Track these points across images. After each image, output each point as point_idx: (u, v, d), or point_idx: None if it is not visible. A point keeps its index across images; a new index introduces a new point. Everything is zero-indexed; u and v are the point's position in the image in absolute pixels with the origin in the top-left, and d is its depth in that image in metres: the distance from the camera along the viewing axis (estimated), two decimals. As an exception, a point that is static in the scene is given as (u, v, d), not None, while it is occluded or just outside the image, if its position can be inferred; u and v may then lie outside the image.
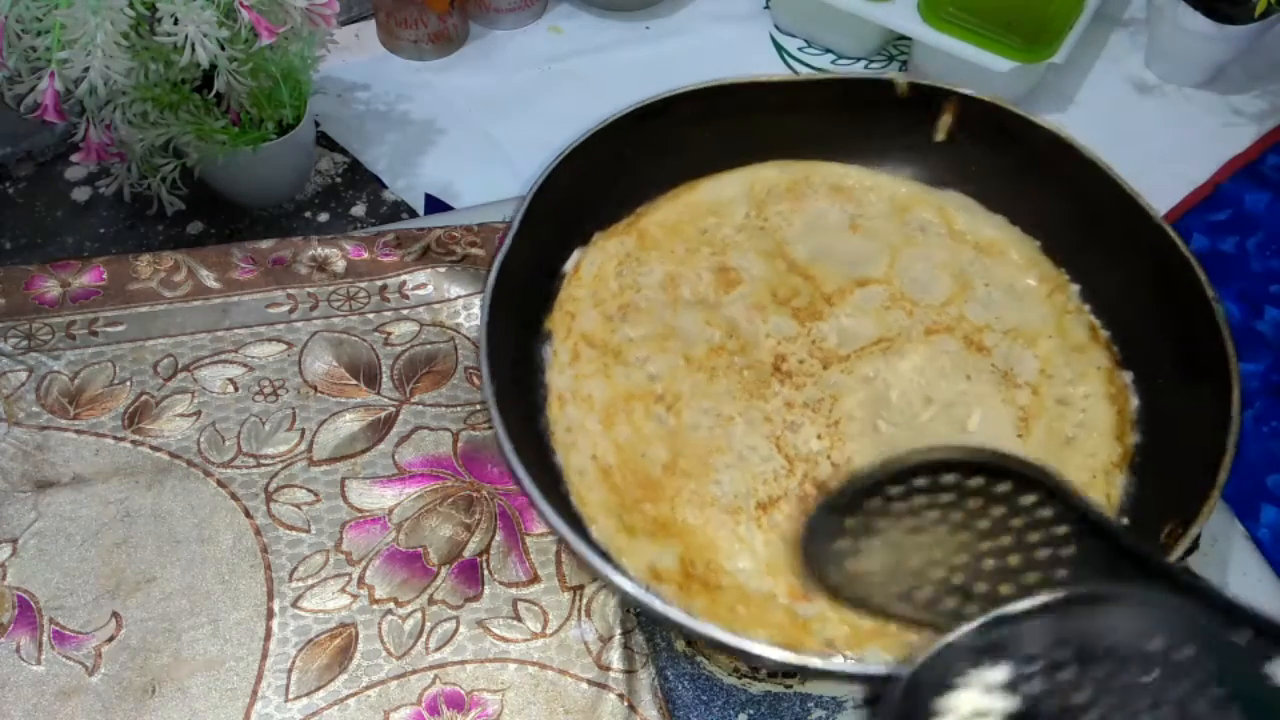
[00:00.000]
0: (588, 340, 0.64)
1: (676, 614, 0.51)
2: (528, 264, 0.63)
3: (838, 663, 0.53)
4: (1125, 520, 0.59)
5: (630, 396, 0.62)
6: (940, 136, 0.71)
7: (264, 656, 0.55)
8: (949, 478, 0.46)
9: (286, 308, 0.68)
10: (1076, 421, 0.63)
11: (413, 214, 0.80)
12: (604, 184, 0.68)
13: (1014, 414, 0.64)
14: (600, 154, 0.66)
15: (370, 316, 0.68)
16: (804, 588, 0.56)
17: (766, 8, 0.96)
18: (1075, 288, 0.68)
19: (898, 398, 0.64)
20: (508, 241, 0.61)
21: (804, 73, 0.69)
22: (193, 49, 0.60)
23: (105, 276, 0.68)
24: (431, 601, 0.58)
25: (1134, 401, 0.64)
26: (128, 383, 0.64)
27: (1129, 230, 0.65)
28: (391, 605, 0.57)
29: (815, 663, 0.51)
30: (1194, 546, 0.53)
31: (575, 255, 0.67)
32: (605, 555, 0.55)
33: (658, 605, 0.51)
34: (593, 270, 0.67)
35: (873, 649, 0.54)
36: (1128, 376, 0.65)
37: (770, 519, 0.59)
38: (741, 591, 0.56)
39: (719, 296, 0.67)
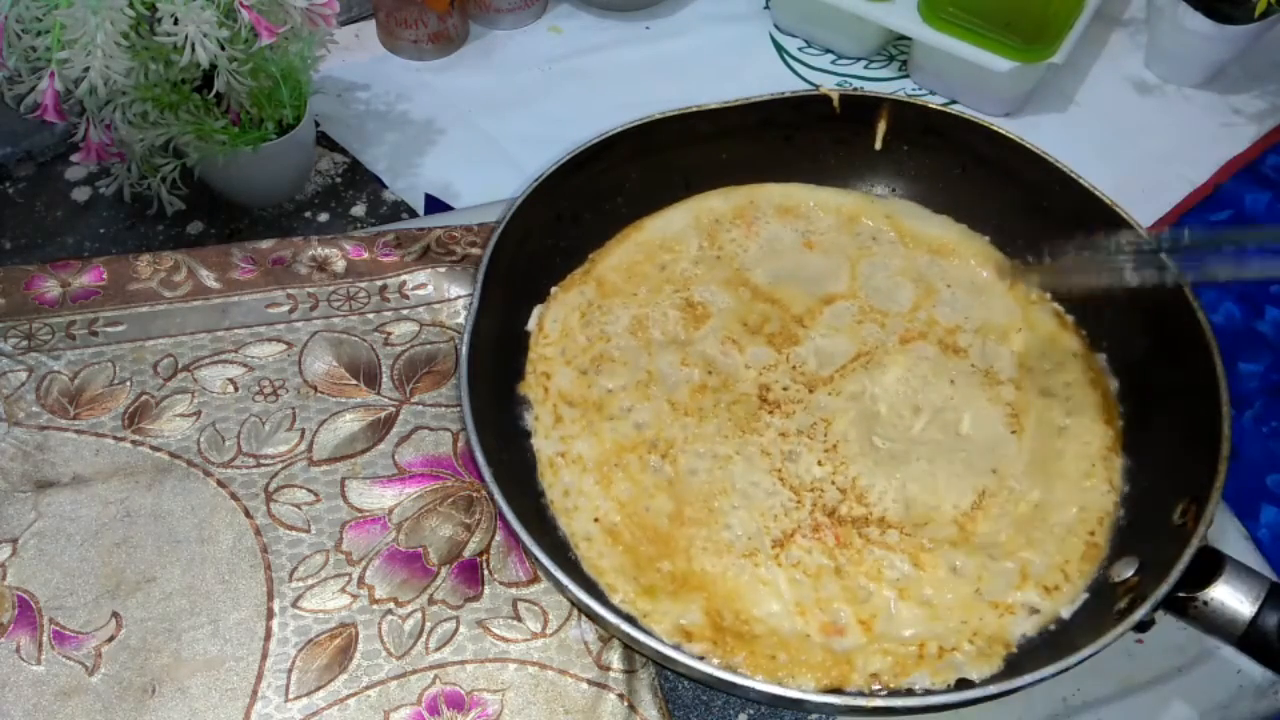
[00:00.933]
0: (567, 400, 0.63)
1: (731, 676, 0.51)
2: (496, 334, 0.63)
3: (900, 700, 0.52)
4: (1132, 506, 0.60)
5: (622, 450, 0.62)
6: (878, 145, 0.72)
7: (264, 656, 0.55)
8: None
9: (286, 308, 0.68)
10: (1065, 410, 0.64)
11: (413, 214, 0.80)
12: (551, 238, 0.68)
13: (1003, 412, 0.64)
14: (540, 211, 0.66)
15: (370, 316, 0.68)
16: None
17: (766, 8, 0.96)
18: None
19: (887, 411, 0.64)
20: (472, 317, 0.60)
21: (729, 100, 0.69)
22: (193, 49, 0.60)
23: (105, 276, 0.68)
24: (431, 601, 0.58)
25: (1113, 383, 0.65)
26: (128, 383, 0.64)
27: (1074, 212, 0.66)
28: (391, 605, 0.57)
29: (878, 703, 0.51)
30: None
31: (536, 312, 0.67)
32: (631, 620, 0.54)
33: (712, 671, 0.50)
34: (557, 326, 0.66)
35: (918, 674, 0.54)
36: (1102, 359, 0.66)
37: (789, 555, 0.58)
38: (777, 636, 0.55)
39: (690, 333, 0.67)
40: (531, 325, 0.66)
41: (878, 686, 0.53)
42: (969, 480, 0.61)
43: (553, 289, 0.68)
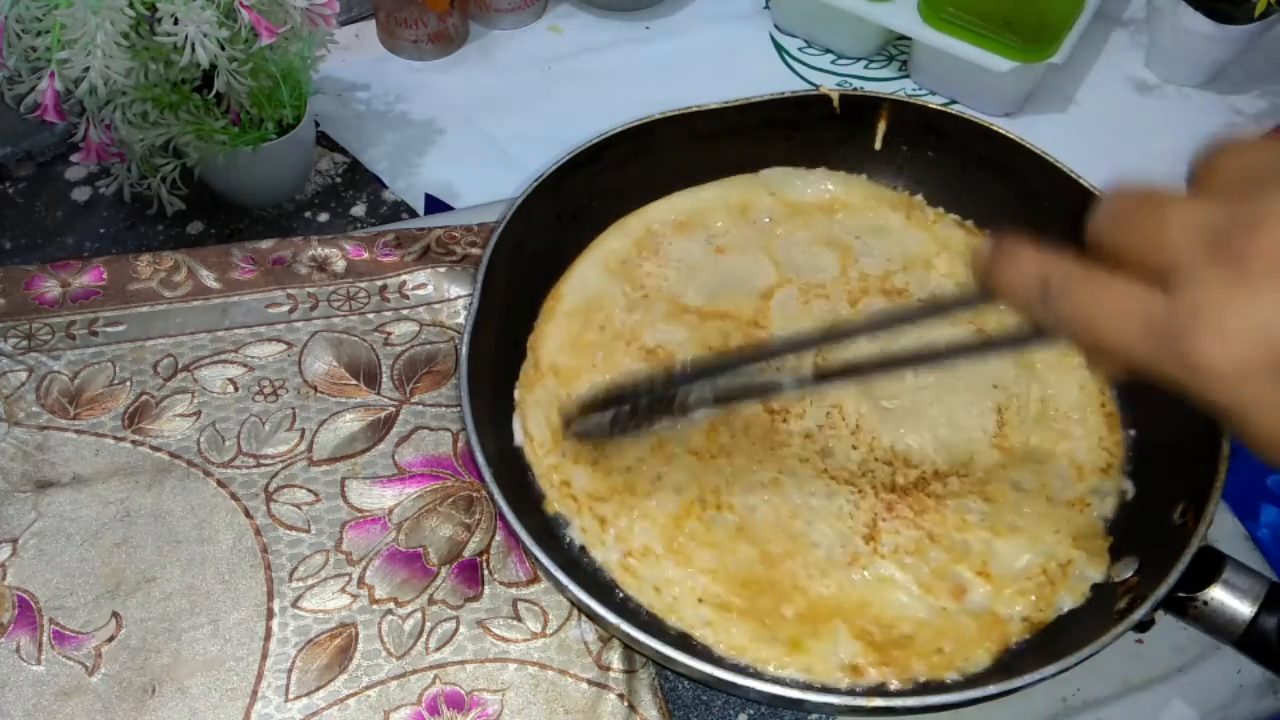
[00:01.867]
0: (597, 498, 0.60)
1: (731, 676, 0.50)
2: (496, 334, 0.62)
3: (900, 700, 0.52)
4: (1132, 506, 0.60)
5: (678, 520, 0.59)
6: (878, 145, 0.72)
7: (264, 656, 0.55)
8: None
9: (286, 308, 0.68)
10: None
11: (413, 214, 0.80)
12: (552, 238, 0.68)
13: (970, 330, 0.66)
14: (540, 211, 0.66)
15: (370, 316, 0.68)
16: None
17: (766, 8, 0.96)
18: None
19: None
20: (472, 317, 0.59)
21: (731, 99, 0.69)
22: (193, 49, 0.60)
23: (105, 276, 0.68)
24: (431, 601, 0.58)
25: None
26: (128, 383, 0.64)
27: (1074, 212, 0.65)
28: (391, 605, 0.57)
29: (878, 703, 0.51)
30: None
31: (515, 425, 0.62)
32: (803, 685, 0.53)
33: (712, 671, 0.50)
34: (543, 429, 0.62)
35: (1061, 596, 0.56)
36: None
37: (884, 544, 0.58)
38: (927, 627, 0.55)
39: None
40: (519, 440, 0.62)
41: (1030, 636, 0.55)
42: (981, 403, 0.64)
43: (516, 393, 0.64)
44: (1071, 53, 0.84)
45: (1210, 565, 0.52)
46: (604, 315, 0.67)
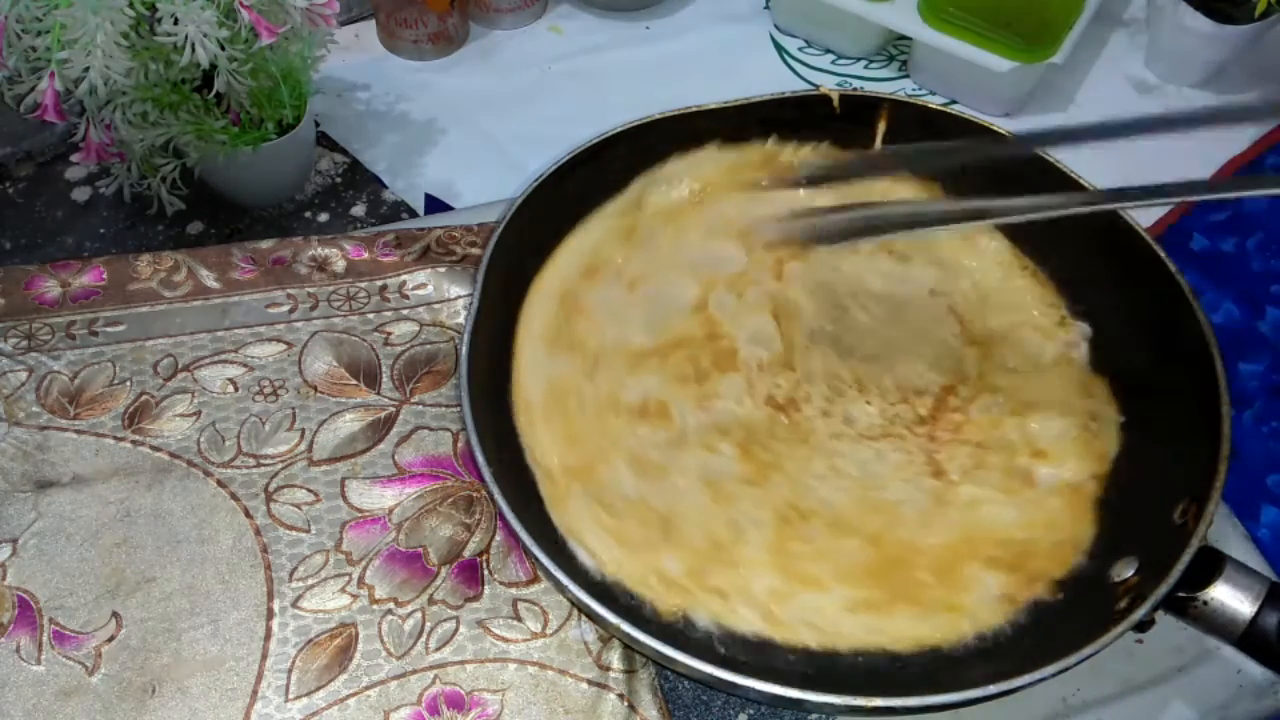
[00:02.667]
0: (700, 573, 0.57)
1: (731, 676, 0.50)
2: (496, 334, 0.62)
3: (900, 700, 0.51)
4: (1132, 506, 0.61)
5: (778, 548, 0.57)
6: (878, 145, 0.72)
7: (264, 656, 0.55)
8: None
9: (286, 308, 0.68)
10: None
11: (413, 214, 0.80)
12: (546, 243, 0.68)
13: (894, 261, 0.70)
14: (540, 210, 0.65)
15: (370, 316, 0.68)
16: None
17: (766, 8, 0.96)
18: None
19: (847, 331, 0.67)
20: (472, 317, 0.59)
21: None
22: (193, 49, 0.60)
23: (105, 276, 0.68)
24: (431, 601, 0.58)
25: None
26: (128, 383, 0.64)
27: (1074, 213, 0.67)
28: (391, 605, 0.57)
29: (878, 703, 0.50)
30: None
31: (579, 553, 0.57)
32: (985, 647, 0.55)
33: (712, 671, 0.50)
34: (610, 543, 0.58)
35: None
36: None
37: (950, 472, 0.61)
38: (1031, 525, 0.59)
39: (673, 430, 0.62)
40: (592, 564, 0.57)
41: (1104, 492, 0.60)
42: (931, 310, 0.68)
43: (554, 519, 0.59)
44: (1071, 53, 0.84)
45: (1210, 565, 0.52)
46: (574, 397, 0.63)
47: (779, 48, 0.94)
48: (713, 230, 0.70)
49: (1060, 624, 0.56)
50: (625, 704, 0.55)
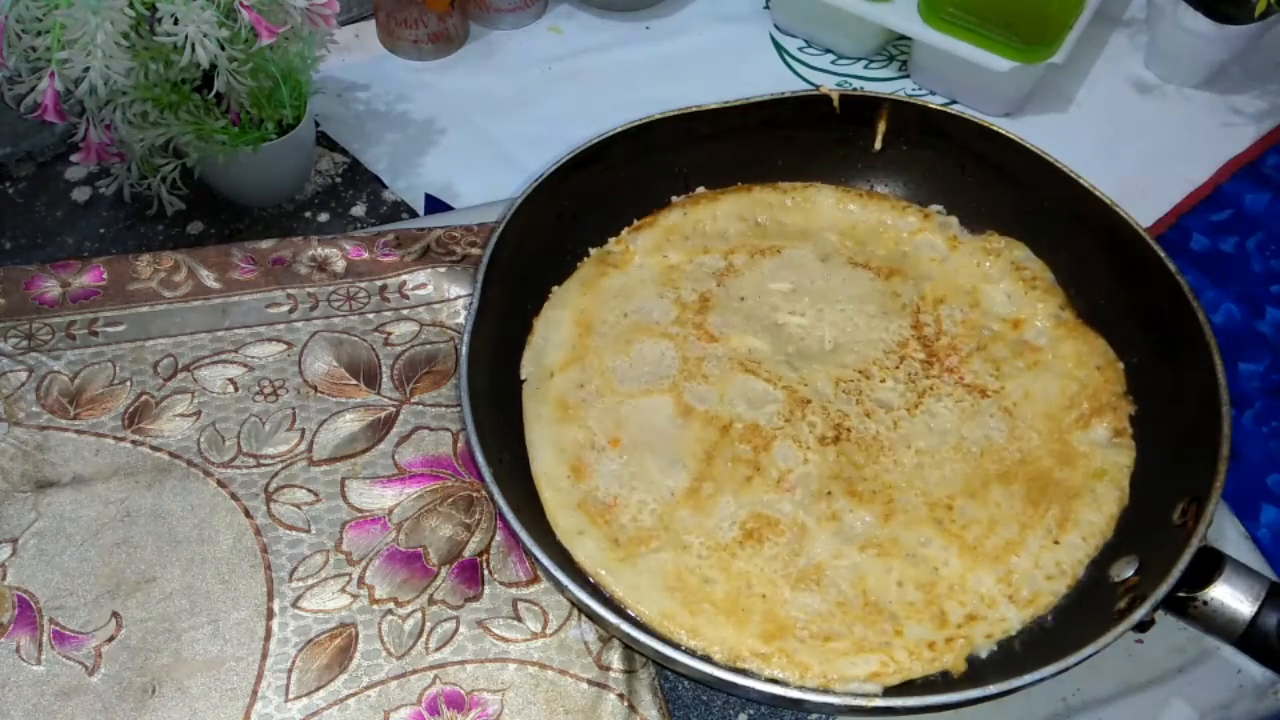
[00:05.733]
0: (778, 624, 0.56)
1: (731, 676, 0.51)
2: (496, 334, 0.62)
3: (900, 700, 0.52)
4: (1132, 506, 0.61)
5: (885, 547, 0.58)
6: (878, 145, 0.72)
7: (264, 656, 0.55)
8: None
9: (286, 308, 0.68)
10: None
11: (413, 214, 0.80)
12: (552, 238, 0.67)
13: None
14: (540, 211, 0.65)
15: (370, 316, 0.68)
16: None
17: (766, 8, 0.96)
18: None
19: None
20: (472, 317, 0.59)
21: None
22: (193, 49, 0.61)
23: (105, 276, 0.68)
24: (431, 601, 0.58)
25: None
26: (128, 383, 0.64)
27: (1074, 212, 0.67)
28: (391, 605, 0.57)
29: (878, 703, 0.51)
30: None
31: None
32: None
33: (712, 671, 0.50)
34: (673, 604, 0.56)
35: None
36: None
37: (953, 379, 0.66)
38: (1041, 460, 0.62)
39: (781, 530, 0.59)
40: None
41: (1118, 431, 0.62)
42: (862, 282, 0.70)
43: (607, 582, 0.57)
44: (1071, 53, 0.84)
45: (1210, 565, 0.52)
46: (693, 575, 0.58)
47: (779, 48, 0.94)
48: (648, 288, 0.69)
49: (1060, 624, 0.56)
50: (625, 704, 0.55)
